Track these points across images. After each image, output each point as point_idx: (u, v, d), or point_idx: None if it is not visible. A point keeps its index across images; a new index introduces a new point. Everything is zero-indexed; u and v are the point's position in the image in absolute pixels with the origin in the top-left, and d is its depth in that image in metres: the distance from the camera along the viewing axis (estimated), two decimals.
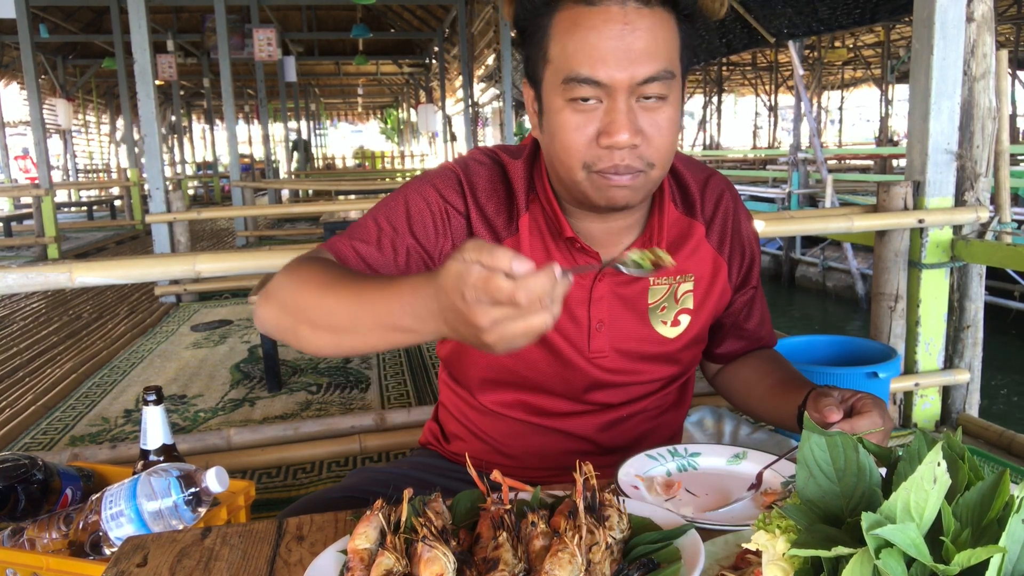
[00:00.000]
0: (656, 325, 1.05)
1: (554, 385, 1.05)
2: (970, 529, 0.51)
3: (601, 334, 1.03)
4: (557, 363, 1.03)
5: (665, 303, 1.05)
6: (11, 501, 1.31)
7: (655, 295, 1.04)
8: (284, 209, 8.94)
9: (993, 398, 5.55)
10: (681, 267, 1.05)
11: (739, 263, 1.10)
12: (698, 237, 1.06)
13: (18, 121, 18.16)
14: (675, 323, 1.06)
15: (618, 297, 1.03)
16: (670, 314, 1.05)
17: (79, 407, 3.26)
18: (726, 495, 0.88)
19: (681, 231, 1.05)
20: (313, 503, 1.05)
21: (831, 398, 0.90)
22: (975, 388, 2.52)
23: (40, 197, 7.79)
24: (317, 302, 0.80)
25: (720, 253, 1.08)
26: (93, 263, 1.84)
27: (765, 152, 17.62)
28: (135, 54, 4.93)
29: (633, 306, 1.04)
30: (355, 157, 32.74)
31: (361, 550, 0.70)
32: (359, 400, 3.23)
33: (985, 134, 2.37)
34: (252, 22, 10.04)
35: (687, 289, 1.06)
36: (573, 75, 0.85)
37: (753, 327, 1.16)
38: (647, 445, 1.02)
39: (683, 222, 1.05)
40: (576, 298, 1.02)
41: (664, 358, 1.07)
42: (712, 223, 1.07)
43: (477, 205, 1.00)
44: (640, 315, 1.04)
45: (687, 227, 1.05)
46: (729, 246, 1.08)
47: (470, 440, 1.14)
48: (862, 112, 30.93)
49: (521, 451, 1.10)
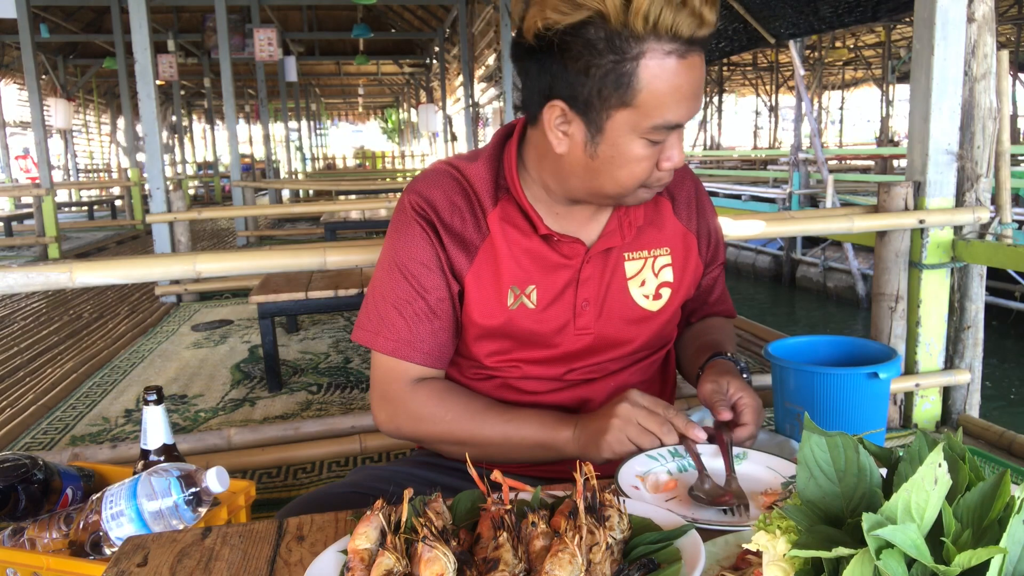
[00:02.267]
0: (638, 299, 1.11)
1: (538, 363, 1.11)
2: (971, 530, 0.51)
3: (587, 312, 1.09)
4: (545, 338, 1.09)
5: (644, 277, 1.11)
6: (11, 501, 1.31)
7: (632, 269, 1.10)
8: (285, 209, 8.94)
9: (994, 399, 5.55)
10: (655, 240, 1.12)
11: (707, 240, 1.18)
12: (666, 212, 1.14)
13: (18, 121, 18.17)
14: (657, 296, 1.12)
15: (602, 276, 1.09)
16: (651, 287, 1.11)
17: (79, 407, 3.26)
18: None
19: (649, 206, 1.12)
20: (314, 499, 1.06)
21: (720, 390, 1.02)
22: (976, 388, 2.52)
23: (41, 197, 7.80)
24: (469, 449, 1.02)
25: (689, 229, 1.15)
26: (94, 263, 1.84)
27: (766, 152, 17.62)
28: (136, 54, 4.93)
29: (615, 282, 1.10)
30: (356, 157, 32.76)
31: (361, 550, 0.70)
32: (360, 400, 3.23)
33: (986, 134, 2.37)
34: (253, 22, 10.04)
35: (665, 263, 1.12)
36: (666, 123, 0.92)
37: (714, 300, 1.27)
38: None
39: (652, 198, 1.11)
40: (561, 280, 1.08)
41: (644, 329, 1.13)
42: (677, 200, 1.15)
43: (444, 227, 1.06)
44: (622, 290, 1.10)
45: (654, 202, 1.13)
46: (696, 222, 1.16)
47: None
48: (863, 112, 30.93)
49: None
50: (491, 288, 1.06)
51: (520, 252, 1.06)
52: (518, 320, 1.07)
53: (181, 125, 18.05)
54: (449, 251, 1.05)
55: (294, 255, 1.95)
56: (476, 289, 1.06)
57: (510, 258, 1.06)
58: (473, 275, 1.06)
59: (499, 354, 1.10)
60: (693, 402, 2.42)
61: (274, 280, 3.46)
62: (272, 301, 3.18)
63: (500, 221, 1.05)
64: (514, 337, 1.09)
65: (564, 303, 1.08)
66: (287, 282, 3.38)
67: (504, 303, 1.06)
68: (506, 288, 1.06)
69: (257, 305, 3.22)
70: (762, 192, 10.74)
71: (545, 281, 1.07)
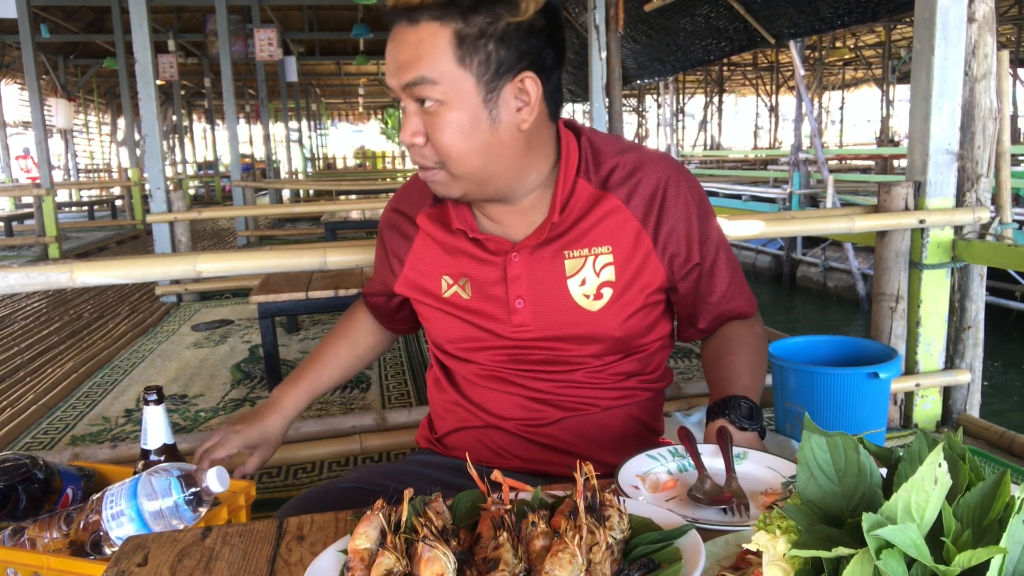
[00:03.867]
0: (578, 299, 1.08)
1: (493, 350, 1.13)
2: (971, 530, 0.51)
3: (523, 310, 1.08)
4: (485, 339, 1.12)
5: (584, 275, 1.08)
6: (12, 501, 1.31)
7: (572, 268, 1.08)
8: (285, 209, 8.94)
9: (994, 399, 5.55)
10: (596, 238, 1.08)
11: (671, 235, 1.09)
12: (612, 207, 1.08)
13: (19, 121, 18.16)
14: (598, 296, 1.08)
15: (536, 273, 1.08)
16: (592, 287, 1.08)
17: (80, 407, 3.26)
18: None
19: (593, 203, 1.08)
20: (313, 496, 1.06)
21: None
22: (976, 389, 2.52)
23: (41, 197, 7.80)
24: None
25: (644, 225, 1.08)
26: (94, 263, 1.84)
27: (766, 152, 17.62)
28: (136, 54, 4.93)
29: (552, 281, 1.08)
30: (356, 157, 32.77)
31: (361, 550, 0.70)
32: (360, 400, 3.23)
33: (986, 134, 2.37)
34: (253, 22, 10.04)
35: (606, 262, 1.08)
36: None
37: (716, 300, 1.18)
38: (614, 436, 1.11)
39: (596, 195, 1.09)
40: (491, 278, 1.09)
41: (588, 334, 1.09)
42: (635, 194, 1.08)
43: (396, 215, 1.22)
44: (560, 289, 1.08)
45: (600, 199, 1.08)
46: (657, 219, 1.08)
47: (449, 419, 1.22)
48: (863, 112, 30.91)
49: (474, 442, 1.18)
50: (426, 271, 1.16)
51: (450, 247, 1.13)
52: (454, 308, 1.13)
53: (181, 125, 18.05)
54: (391, 241, 1.22)
55: (294, 255, 1.95)
56: (412, 270, 1.18)
57: (441, 251, 1.14)
58: (412, 258, 1.18)
59: (459, 342, 1.15)
60: (693, 402, 2.42)
61: (274, 280, 3.46)
62: (272, 301, 3.18)
63: (429, 219, 1.15)
64: (462, 320, 1.13)
65: (496, 299, 1.09)
66: (287, 282, 3.38)
67: (438, 288, 1.14)
68: (439, 275, 1.13)
69: (257, 305, 3.22)
70: (762, 192, 10.74)
71: (476, 275, 1.11)
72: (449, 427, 1.20)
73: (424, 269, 1.16)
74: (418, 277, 1.17)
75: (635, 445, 1.10)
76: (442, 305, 1.14)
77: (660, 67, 9.22)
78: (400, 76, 0.97)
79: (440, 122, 0.97)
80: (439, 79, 0.95)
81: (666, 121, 18.08)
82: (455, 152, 0.99)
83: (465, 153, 0.99)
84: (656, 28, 7.78)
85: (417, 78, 0.96)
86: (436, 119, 0.97)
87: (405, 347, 4.07)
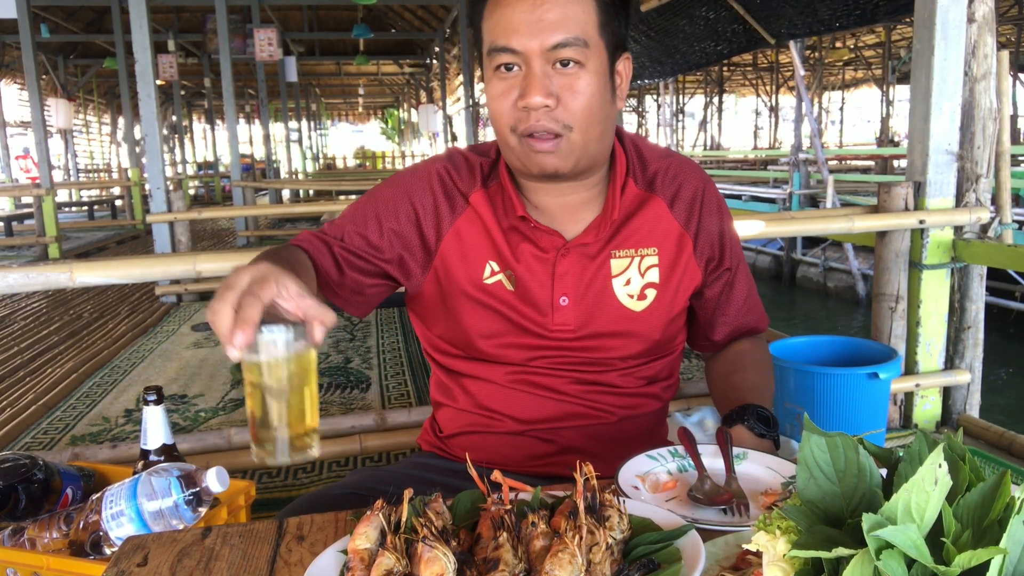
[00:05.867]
0: (622, 299, 1.08)
1: (529, 349, 1.08)
2: (971, 530, 0.51)
3: (566, 308, 1.07)
4: (521, 335, 1.07)
5: (630, 276, 1.08)
6: (11, 501, 1.31)
7: (618, 268, 1.08)
8: (285, 209, 8.94)
9: (994, 399, 5.55)
10: (644, 239, 1.08)
11: (709, 242, 1.12)
12: (658, 210, 1.09)
13: (19, 121, 18.17)
14: (642, 296, 1.08)
15: (584, 272, 1.07)
16: (636, 287, 1.08)
17: (80, 407, 3.26)
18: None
19: (640, 204, 1.09)
20: (313, 501, 1.05)
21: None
22: (976, 389, 2.52)
23: (41, 197, 7.80)
24: None
25: (686, 229, 1.10)
26: (94, 263, 1.84)
27: (766, 152, 17.62)
28: (136, 54, 4.93)
29: (599, 280, 1.07)
30: (356, 157, 32.78)
31: (361, 550, 0.70)
32: (359, 400, 3.23)
33: (986, 135, 2.37)
34: (253, 22, 10.05)
35: (651, 263, 1.09)
36: (493, 46, 0.96)
37: (735, 311, 1.18)
38: (618, 448, 1.05)
39: (642, 196, 1.09)
40: (538, 272, 1.06)
41: (629, 331, 1.09)
42: (677, 198, 1.10)
43: (446, 179, 1.11)
44: (606, 289, 1.07)
45: (646, 200, 1.09)
46: (697, 223, 1.11)
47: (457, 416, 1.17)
48: (863, 113, 30.91)
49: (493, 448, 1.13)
50: (467, 252, 1.08)
51: (498, 233, 1.07)
52: (493, 298, 1.07)
53: (181, 125, 18.05)
54: (425, 200, 1.10)
55: None
56: (449, 248, 1.09)
57: (487, 236, 1.08)
58: (452, 235, 1.08)
59: (492, 337, 1.09)
60: (694, 402, 2.42)
61: None
62: None
63: (484, 199, 1.08)
64: (499, 313, 1.08)
65: (541, 295, 1.07)
66: None
67: (479, 274, 1.08)
68: (484, 259, 1.08)
69: None
70: (762, 192, 10.75)
71: (523, 269, 1.07)
72: (457, 429, 1.18)
73: (465, 251, 1.08)
74: (454, 257, 1.08)
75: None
76: (478, 293, 1.08)
77: (660, 68, 9.21)
78: (547, 35, 0.94)
79: (580, 84, 0.96)
80: (589, 42, 0.95)
81: (666, 121, 18.10)
82: (587, 117, 0.97)
83: (595, 120, 0.98)
84: (656, 29, 7.77)
85: (570, 38, 0.94)
86: (576, 81, 0.96)
87: (405, 347, 4.07)
